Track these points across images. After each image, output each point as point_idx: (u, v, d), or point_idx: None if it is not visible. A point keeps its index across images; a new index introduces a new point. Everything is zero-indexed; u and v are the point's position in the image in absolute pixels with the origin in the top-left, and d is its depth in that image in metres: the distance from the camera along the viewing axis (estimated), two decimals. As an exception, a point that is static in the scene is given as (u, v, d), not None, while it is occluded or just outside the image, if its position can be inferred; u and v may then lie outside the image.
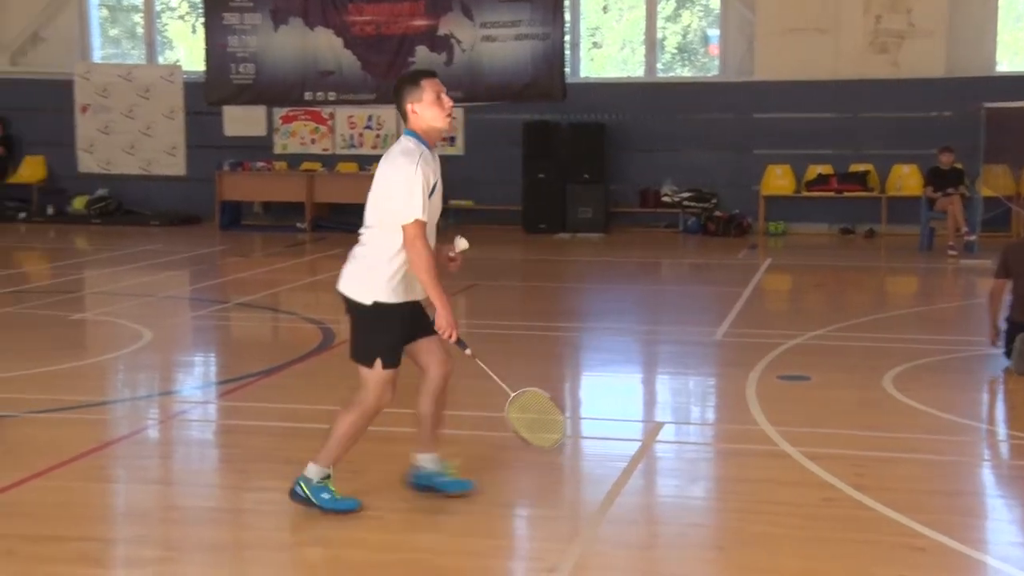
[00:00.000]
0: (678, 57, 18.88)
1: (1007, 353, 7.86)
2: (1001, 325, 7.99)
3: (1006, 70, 16.78)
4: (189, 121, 18.40)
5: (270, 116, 18.19)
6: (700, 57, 18.80)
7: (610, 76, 18.36)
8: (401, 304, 4.90)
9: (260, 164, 17.70)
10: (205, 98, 18.06)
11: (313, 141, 18.14)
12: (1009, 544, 4.91)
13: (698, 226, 16.71)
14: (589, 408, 7.60)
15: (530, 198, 16.92)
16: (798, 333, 9.09)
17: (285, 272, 13.22)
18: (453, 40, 17.24)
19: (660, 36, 18.13)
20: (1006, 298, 8.03)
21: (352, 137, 18.04)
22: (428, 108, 4.93)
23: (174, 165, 18.55)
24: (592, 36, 18.73)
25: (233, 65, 17.89)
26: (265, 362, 8.13)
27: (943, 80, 16.21)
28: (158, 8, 19.41)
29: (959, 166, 14.85)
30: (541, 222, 16.83)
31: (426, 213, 4.79)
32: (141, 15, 19.40)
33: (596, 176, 16.78)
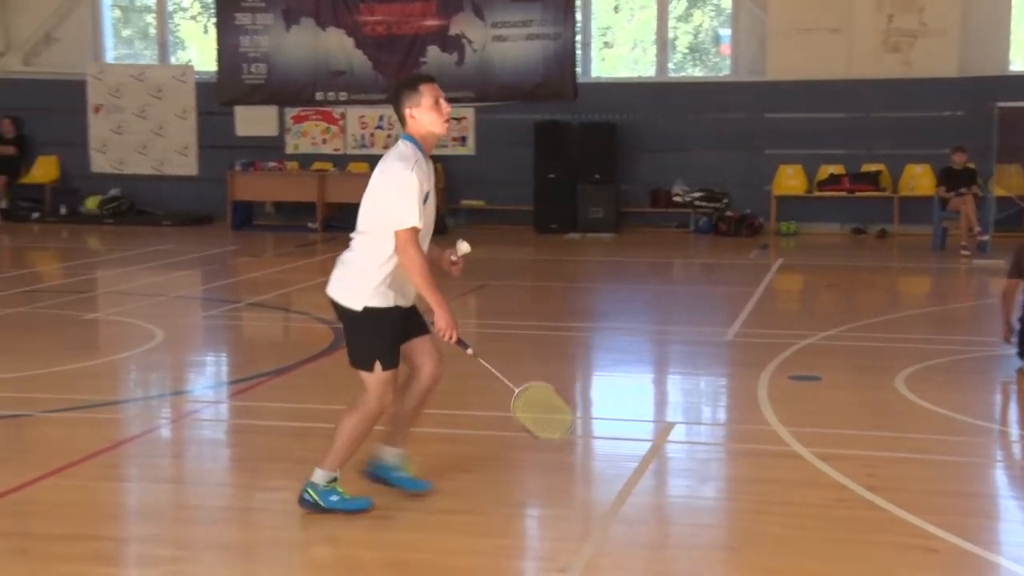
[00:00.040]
0: (689, 57, 18.85)
1: (1020, 354, 7.83)
2: (1015, 324, 7.96)
3: (1019, 69, 16.71)
4: (201, 121, 18.45)
5: (282, 116, 18.22)
6: (711, 57, 18.77)
7: (621, 76, 18.34)
8: (392, 307, 4.90)
9: (272, 164, 17.74)
10: (217, 98, 18.11)
11: (324, 141, 18.17)
12: (1022, 545, 4.89)
13: (709, 226, 16.68)
14: (600, 408, 7.60)
15: (541, 198, 16.92)
16: (810, 333, 9.07)
17: (296, 272, 13.25)
18: (464, 40, 17.25)
19: (671, 36, 18.10)
20: (1019, 298, 8.01)
21: (363, 137, 18.06)
22: (426, 113, 4.91)
23: (186, 165, 18.60)
24: (603, 36, 18.72)
25: (245, 65, 17.93)
26: (276, 362, 8.14)
27: (956, 80, 16.15)
28: (170, 8, 19.46)
29: (972, 166, 14.80)
30: (552, 222, 16.82)
31: (420, 220, 4.78)
32: (153, 15, 19.46)
33: (607, 176, 16.77)
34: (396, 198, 4.76)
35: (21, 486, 5.38)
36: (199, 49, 19.65)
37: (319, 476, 5.00)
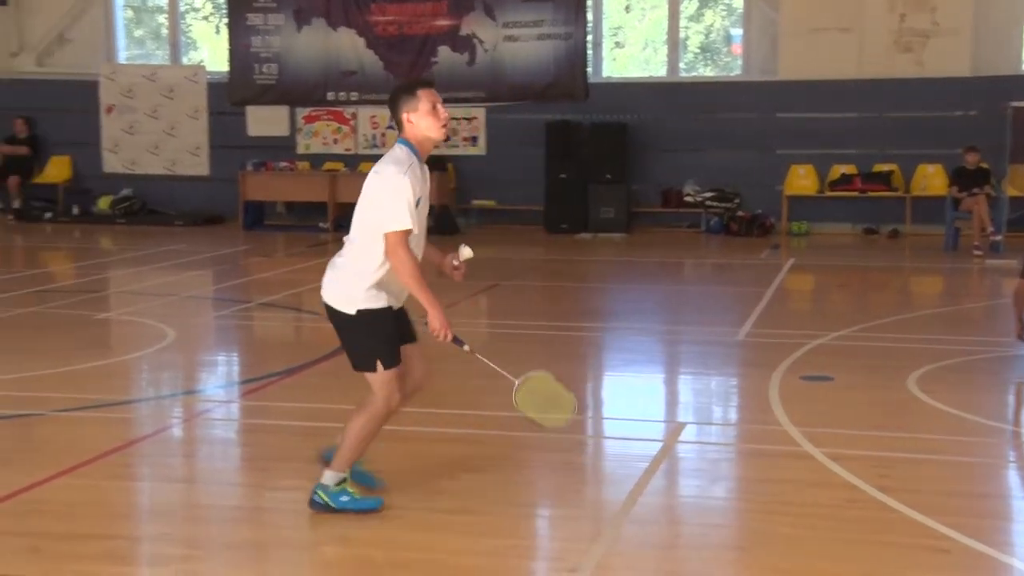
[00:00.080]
0: (701, 57, 18.83)
1: (1033, 354, 7.80)
2: (1028, 326, 7.92)
3: (1032, 69, 16.66)
4: (212, 121, 18.49)
5: (293, 116, 18.25)
6: (723, 56, 18.74)
7: (632, 76, 18.32)
8: (386, 307, 4.91)
9: (283, 164, 17.77)
10: (228, 98, 18.15)
11: (335, 141, 18.19)
12: (1035, 546, 4.87)
13: (720, 226, 16.65)
14: (611, 408, 7.59)
15: (552, 198, 16.91)
16: (821, 333, 9.05)
17: (307, 272, 13.25)
18: (475, 40, 17.25)
19: (683, 36, 18.08)
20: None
21: (374, 137, 18.08)
22: (424, 118, 4.91)
23: (198, 165, 18.65)
24: (614, 36, 18.70)
25: (256, 65, 17.97)
26: (287, 362, 8.15)
27: (968, 79, 16.09)
28: (182, 9, 19.51)
29: (985, 166, 14.75)
30: (563, 222, 16.81)
31: (412, 223, 4.78)
32: (166, 16, 19.52)
33: (618, 176, 16.75)
34: (388, 201, 4.76)
35: (33, 485, 5.40)
36: (211, 49, 19.70)
37: (328, 477, 5.01)
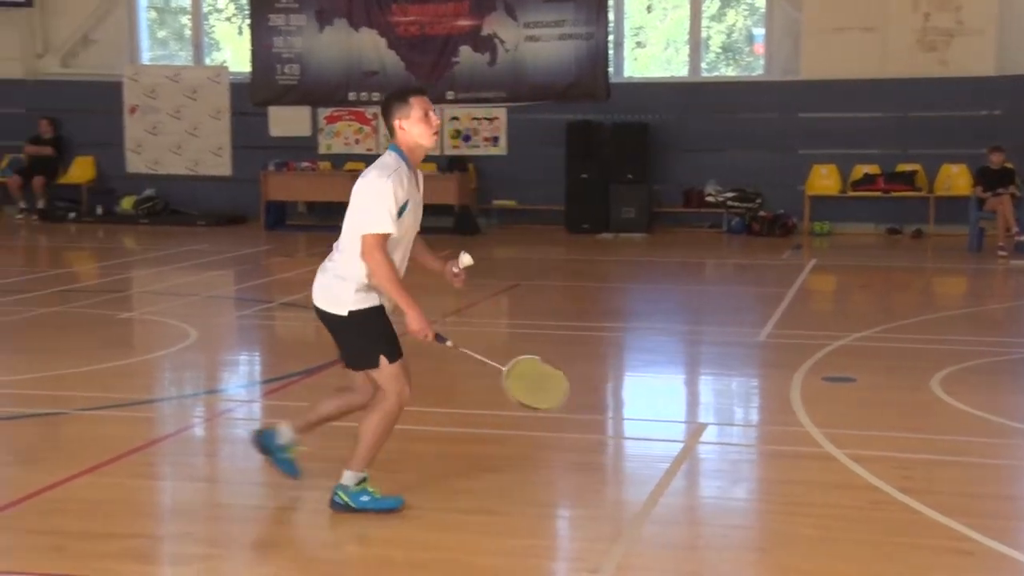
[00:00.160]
0: (722, 56, 18.77)
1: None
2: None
3: (1058, 68, 16.53)
4: (235, 122, 18.57)
5: (314, 116, 18.31)
6: (745, 56, 18.67)
7: (654, 76, 18.28)
8: (378, 306, 4.93)
9: (304, 164, 17.82)
10: (251, 99, 18.22)
11: (357, 141, 18.23)
12: (1059, 549, 4.83)
13: (742, 226, 16.59)
14: (632, 409, 7.58)
15: (573, 198, 16.89)
16: (843, 334, 9.00)
17: (329, 272, 13.29)
18: (497, 40, 17.26)
19: (704, 35, 18.02)
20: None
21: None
22: (415, 125, 4.96)
23: (220, 165, 18.73)
24: (636, 36, 18.67)
25: (278, 66, 18.03)
26: (308, 361, 8.17)
27: (993, 78, 15.98)
28: (205, 10, 19.60)
29: (1009, 165, 14.64)
30: (584, 222, 16.79)
31: (392, 227, 4.79)
32: (189, 17, 19.61)
33: (639, 176, 16.72)
34: (368, 204, 4.80)
35: (56, 484, 5.44)
36: (233, 50, 19.79)
37: (348, 478, 5.03)
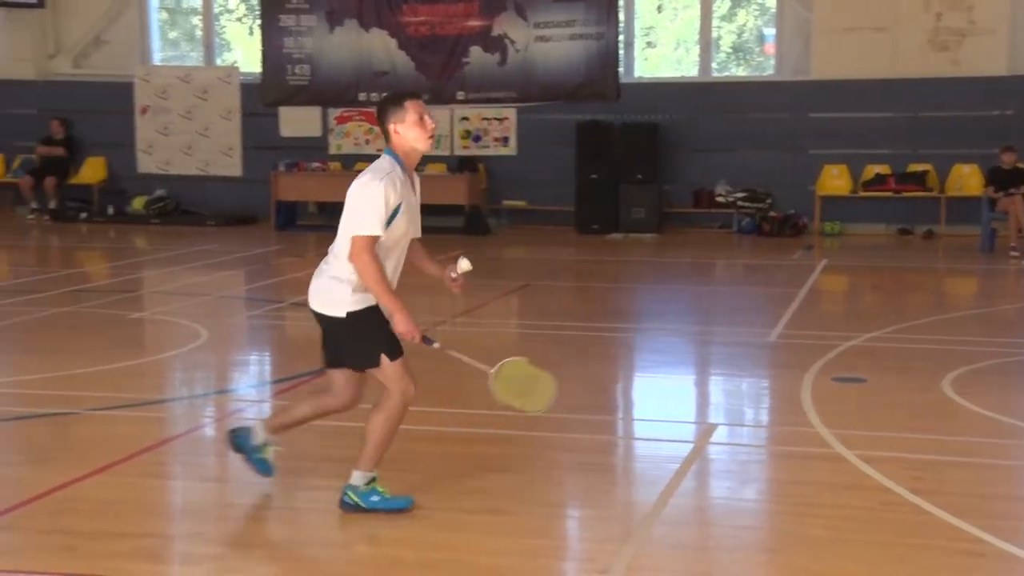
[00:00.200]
0: (733, 56, 18.74)
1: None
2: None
3: (1070, 67, 16.47)
4: (245, 122, 18.59)
5: (325, 117, 18.33)
6: (755, 56, 18.64)
7: (664, 76, 18.25)
8: (374, 306, 4.95)
9: (315, 164, 17.85)
10: (261, 99, 18.25)
11: (367, 142, 18.24)
12: (1071, 551, 4.81)
13: (753, 226, 16.56)
14: (642, 409, 7.58)
15: (583, 198, 16.88)
16: (854, 335, 8.98)
17: (339, 272, 13.31)
18: (507, 40, 17.26)
19: (715, 35, 17.99)
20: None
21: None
22: (410, 129, 4.99)
23: (230, 166, 18.76)
24: (646, 36, 18.65)
25: (289, 66, 18.06)
26: (318, 361, 8.14)
27: (1005, 78, 15.93)
28: (216, 11, 19.65)
29: (1021, 165, 14.59)
30: (594, 222, 16.78)
31: (381, 230, 4.81)
32: (199, 18, 19.65)
33: (649, 176, 16.70)
34: (358, 206, 4.84)
35: (67, 483, 5.45)
36: (244, 51, 19.82)
37: (357, 478, 5.04)
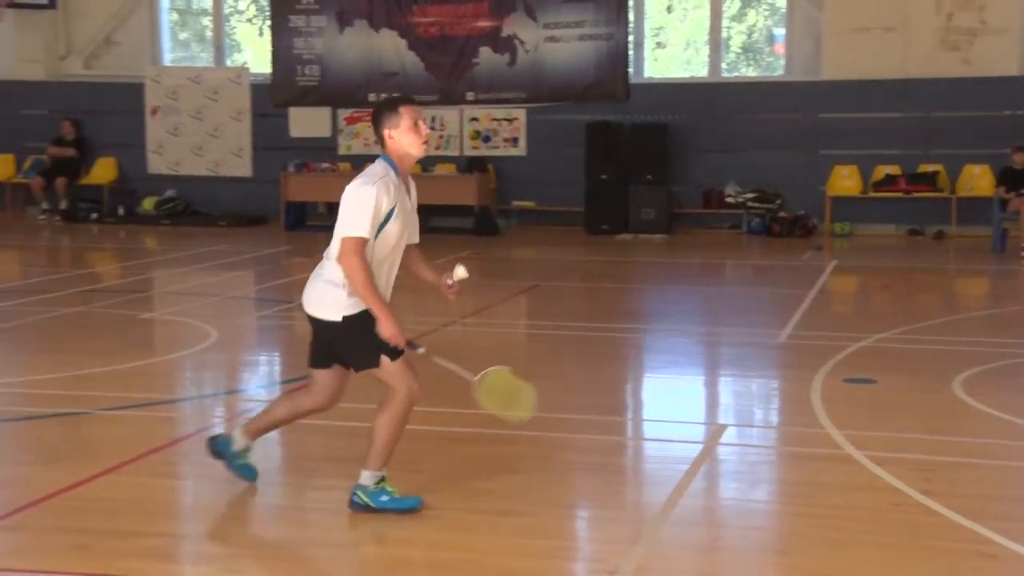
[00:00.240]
0: (743, 57, 18.71)
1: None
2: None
3: (1082, 67, 16.41)
4: (255, 123, 18.62)
5: (335, 117, 18.35)
6: (765, 56, 18.61)
7: (674, 76, 18.24)
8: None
9: (325, 165, 17.87)
10: (271, 100, 18.28)
11: (377, 142, 18.23)
12: (1083, 553, 4.80)
13: (762, 227, 16.54)
14: (651, 410, 7.57)
15: (592, 199, 16.87)
16: (864, 336, 8.96)
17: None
18: (517, 41, 17.25)
19: (725, 35, 17.97)
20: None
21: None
22: (405, 135, 5.03)
23: (240, 166, 18.80)
24: (656, 36, 18.64)
25: (299, 67, 18.08)
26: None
27: (1016, 78, 15.87)
28: (226, 11, 19.69)
29: (1033, 166, 14.57)
30: (603, 223, 16.77)
31: (369, 232, 4.82)
32: (210, 18, 19.69)
33: (659, 177, 16.69)
34: (349, 209, 4.86)
35: (78, 483, 5.47)
36: (254, 51, 19.86)
37: (366, 478, 5.04)
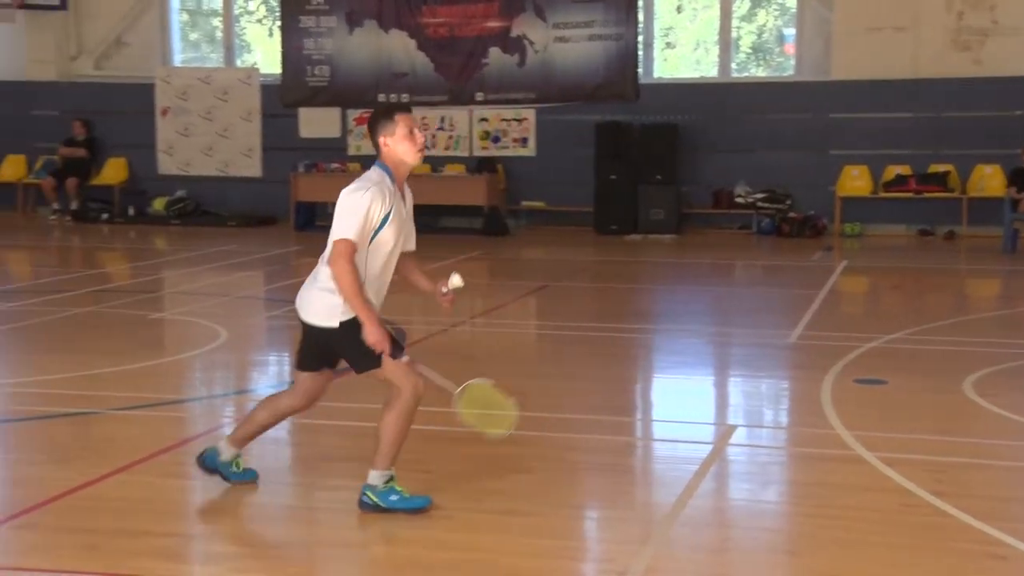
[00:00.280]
0: (753, 57, 18.68)
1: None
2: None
3: (1093, 67, 16.34)
4: (265, 123, 18.67)
5: (344, 118, 18.38)
6: (775, 56, 18.58)
7: (683, 76, 18.22)
8: None
9: (334, 165, 17.90)
10: (281, 100, 18.31)
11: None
12: (1094, 554, 4.78)
13: (772, 227, 16.51)
14: (661, 410, 7.56)
15: (602, 199, 16.87)
16: (875, 336, 8.94)
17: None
18: (526, 41, 17.25)
19: (734, 36, 17.95)
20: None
21: (425, 138, 18.11)
22: (400, 143, 5.03)
23: (250, 167, 18.84)
24: (665, 36, 18.62)
25: (309, 67, 18.11)
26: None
27: (1028, 78, 15.86)
28: (236, 12, 19.73)
29: (1043, 166, 14.53)
30: (613, 223, 16.76)
31: (360, 237, 4.85)
32: (220, 19, 19.74)
33: (668, 177, 16.68)
34: (341, 213, 4.90)
35: (89, 483, 5.49)
36: (264, 52, 19.90)
37: (374, 477, 5.05)
